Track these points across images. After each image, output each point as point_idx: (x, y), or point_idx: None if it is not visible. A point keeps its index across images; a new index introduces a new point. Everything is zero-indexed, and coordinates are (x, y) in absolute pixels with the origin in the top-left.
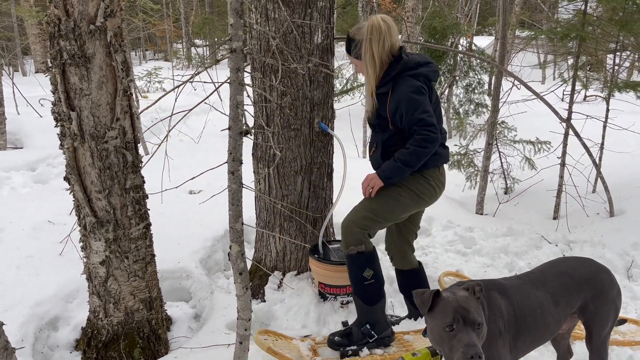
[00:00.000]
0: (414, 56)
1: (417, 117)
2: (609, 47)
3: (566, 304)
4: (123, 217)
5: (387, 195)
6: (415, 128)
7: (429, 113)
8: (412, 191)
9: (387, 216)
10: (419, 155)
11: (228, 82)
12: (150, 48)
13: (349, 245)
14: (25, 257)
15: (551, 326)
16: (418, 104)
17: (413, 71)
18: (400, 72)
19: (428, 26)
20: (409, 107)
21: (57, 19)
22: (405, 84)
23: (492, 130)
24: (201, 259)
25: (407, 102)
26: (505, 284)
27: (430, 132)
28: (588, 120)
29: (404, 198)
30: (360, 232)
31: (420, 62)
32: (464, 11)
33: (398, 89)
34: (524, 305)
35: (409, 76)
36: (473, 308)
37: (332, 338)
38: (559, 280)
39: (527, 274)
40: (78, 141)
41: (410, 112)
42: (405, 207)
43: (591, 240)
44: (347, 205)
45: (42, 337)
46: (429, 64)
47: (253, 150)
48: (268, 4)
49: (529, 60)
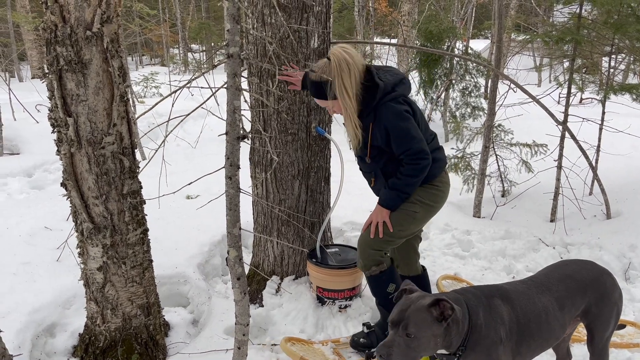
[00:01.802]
0: (386, 76)
1: (406, 147)
2: (604, 50)
3: (571, 307)
4: (120, 222)
5: (402, 215)
6: (404, 157)
7: (417, 138)
8: (425, 204)
9: (402, 234)
10: (413, 183)
11: (225, 87)
12: (146, 53)
13: (369, 267)
14: (22, 264)
15: (556, 331)
16: (405, 131)
17: (392, 94)
18: (380, 100)
19: (424, 30)
20: (397, 136)
21: (54, 25)
22: (388, 111)
23: (488, 133)
24: (199, 264)
25: (394, 131)
26: (508, 289)
27: (420, 160)
28: (584, 123)
29: (419, 213)
30: (377, 253)
31: (396, 81)
32: (459, 15)
33: (381, 116)
34: (528, 310)
35: (390, 101)
36: (412, 319)
37: (356, 340)
38: (563, 283)
39: (531, 278)
40: (75, 147)
41: (398, 141)
42: (421, 221)
43: (588, 242)
44: (344, 210)
45: (39, 344)
46: (402, 80)
47: (250, 155)
48: (264, 9)
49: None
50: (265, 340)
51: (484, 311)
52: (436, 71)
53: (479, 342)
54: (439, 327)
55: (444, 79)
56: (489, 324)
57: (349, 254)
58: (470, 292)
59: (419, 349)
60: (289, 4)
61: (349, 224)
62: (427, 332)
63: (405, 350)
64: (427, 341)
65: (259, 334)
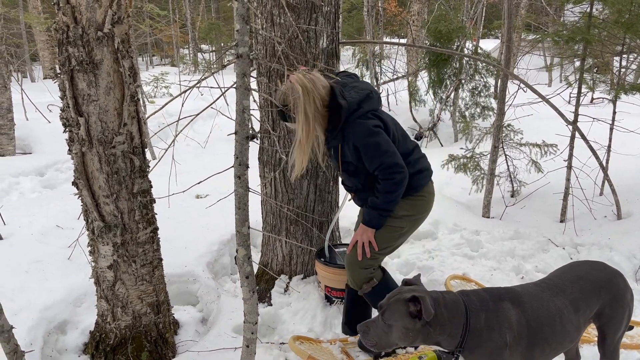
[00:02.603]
0: (351, 93)
1: (378, 162)
2: (615, 50)
3: (585, 309)
4: (131, 221)
5: (388, 232)
6: (377, 173)
7: (389, 152)
8: (411, 217)
9: (389, 250)
10: (392, 199)
11: (234, 87)
12: (157, 53)
13: (360, 285)
14: (34, 262)
15: (571, 333)
16: (374, 147)
17: (358, 112)
18: (346, 119)
19: (433, 30)
20: (366, 152)
21: (66, 26)
22: (355, 129)
23: (498, 133)
24: (208, 263)
25: (364, 148)
26: (520, 292)
27: (394, 175)
28: (595, 123)
29: (405, 228)
30: (366, 271)
31: (361, 98)
32: (469, 14)
33: (349, 135)
34: (541, 314)
35: (357, 119)
36: (390, 307)
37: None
38: (577, 285)
39: (544, 280)
40: (86, 146)
41: (369, 158)
42: (408, 233)
43: (598, 243)
44: (352, 209)
45: (50, 341)
46: (369, 95)
47: (259, 155)
48: (274, 10)
49: (535, 63)
50: (274, 338)
51: (488, 315)
52: (445, 71)
53: (480, 345)
54: (412, 322)
55: (453, 79)
56: (492, 328)
57: None
58: (476, 294)
59: (392, 336)
60: (298, 4)
61: None
62: (399, 323)
63: (381, 333)
64: (399, 332)
65: (268, 332)
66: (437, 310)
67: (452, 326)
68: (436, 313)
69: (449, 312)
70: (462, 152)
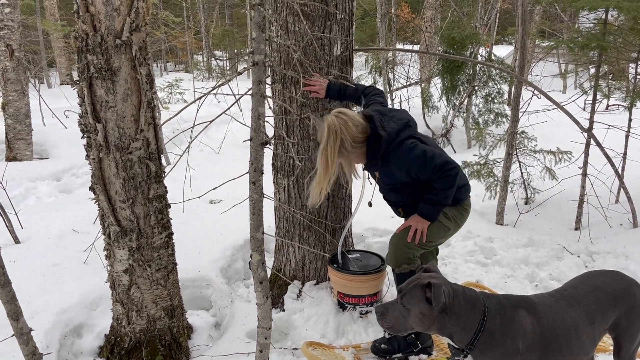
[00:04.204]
0: (390, 123)
1: (431, 167)
2: (631, 57)
3: (601, 321)
4: (146, 226)
5: (438, 228)
6: (434, 177)
7: (436, 154)
8: (456, 222)
9: (433, 244)
10: (449, 194)
11: (249, 94)
12: (171, 60)
13: (400, 264)
14: (51, 265)
15: (586, 345)
16: (422, 157)
17: (397, 140)
18: (387, 149)
19: (447, 36)
20: (416, 166)
21: (85, 34)
22: (400, 153)
23: (512, 140)
24: (221, 268)
25: (414, 163)
26: (536, 302)
27: (449, 171)
28: (610, 130)
29: (450, 230)
30: (411, 252)
31: (400, 127)
32: (483, 21)
33: (392, 161)
34: (556, 325)
35: (397, 145)
36: (409, 292)
37: (378, 345)
38: (593, 296)
39: (559, 290)
40: (103, 152)
41: (421, 169)
42: (449, 236)
43: (614, 251)
44: (365, 216)
45: (66, 344)
46: (407, 124)
47: (273, 161)
48: (288, 17)
49: (549, 70)
50: (287, 344)
51: (503, 319)
52: (459, 77)
53: (491, 348)
54: (428, 308)
55: (466, 86)
56: (506, 333)
57: (370, 259)
58: (496, 298)
59: (409, 320)
60: (313, 12)
61: (370, 230)
62: (416, 308)
63: (398, 316)
64: (416, 316)
65: (280, 338)
66: (455, 301)
67: (467, 320)
68: (454, 303)
69: (467, 305)
70: (476, 159)
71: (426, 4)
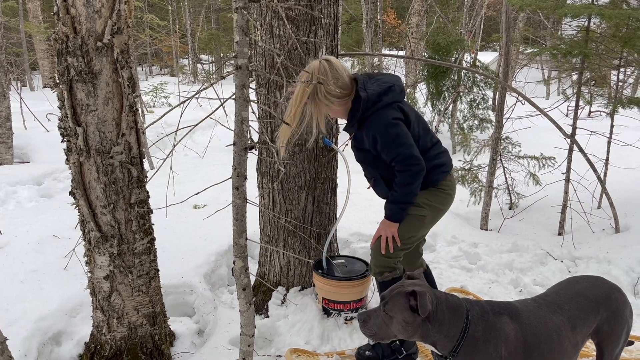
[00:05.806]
0: (373, 85)
1: (394, 154)
2: (613, 63)
3: (583, 326)
4: (127, 231)
5: (411, 222)
6: (394, 164)
7: (406, 144)
8: (433, 207)
9: (413, 240)
10: (410, 191)
11: (233, 99)
12: (156, 63)
13: (381, 273)
14: (30, 272)
15: (569, 351)
16: (392, 138)
17: (379, 104)
18: (365, 111)
19: (432, 42)
20: (384, 143)
21: (65, 36)
22: (375, 120)
23: (496, 145)
24: (205, 274)
25: (382, 138)
26: (519, 308)
27: (411, 166)
28: (593, 136)
29: (427, 217)
30: (391, 260)
31: (381, 90)
32: (468, 27)
33: (369, 126)
34: (538, 331)
35: (378, 110)
36: (392, 299)
37: (362, 352)
38: (575, 302)
39: (542, 296)
40: (84, 156)
41: (387, 149)
42: (430, 224)
43: (597, 256)
44: (351, 221)
45: (45, 352)
46: (391, 88)
47: (257, 166)
48: (273, 22)
49: (533, 76)
50: (271, 351)
51: (486, 326)
52: (444, 83)
53: (474, 355)
54: (412, 316)
55: (451, 91)
56: (488, 340)
57: (355, 265)
58: (479, 305)
59: (392, 328)
60: (298, 17)
61: (356, 235)
62: (399, 315)
63: (380, 324)
64: (399, 324)
65: (264, 344)
66: (438, 308)
67: (450, 327)
68: (437, 310)
69: (449, 313)
70: (460, 164)
71: (412, 10)
